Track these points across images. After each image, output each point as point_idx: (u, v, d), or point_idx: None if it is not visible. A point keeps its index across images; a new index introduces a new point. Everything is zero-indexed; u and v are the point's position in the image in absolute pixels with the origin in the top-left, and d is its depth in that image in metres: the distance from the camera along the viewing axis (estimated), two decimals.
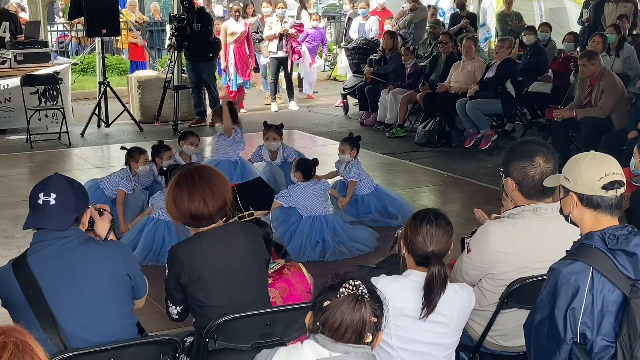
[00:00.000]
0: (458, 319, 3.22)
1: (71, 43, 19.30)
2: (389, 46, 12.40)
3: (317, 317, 2.44)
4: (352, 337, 2.40)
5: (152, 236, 6.37)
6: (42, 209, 3.12)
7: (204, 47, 11.93)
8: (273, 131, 7.71)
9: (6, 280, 3.10)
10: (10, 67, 11.42)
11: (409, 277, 3.21)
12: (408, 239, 3.20)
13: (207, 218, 3.41)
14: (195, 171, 3.47)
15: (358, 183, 7.23)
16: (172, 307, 3.47)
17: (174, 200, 3.41)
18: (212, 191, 3.39)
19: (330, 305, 2.41)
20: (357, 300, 2.40)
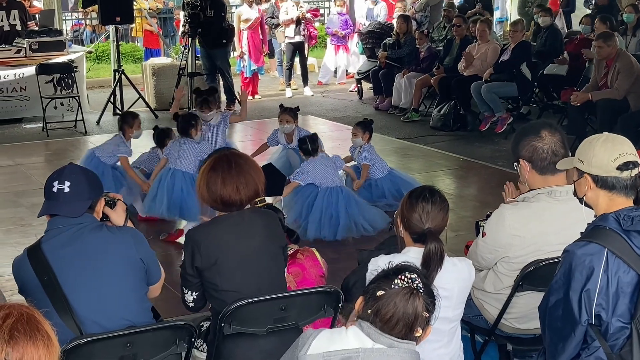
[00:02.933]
0: (459, 292, 3.24)
1: (86, 31, 19.35)
2: (403, 30, 12.35)
3: (369, 305, 2.41)
4: (403, 330, 2.39)
5: (171, 187, 6.48)
6: (56, 196, 3.15)
7: (217, 33, 11.92)
8: (286, 114, 7.66)
9: (22, 268, 3.13)
10: (26, 56, 11.46)
11: (407, 254, 3.23)
12: (405, 217, 3.22)
13: (237, 205, 3.43)
14: (232, 157, 3.49)
15: (371, 167, 7.20)
16: (187, 293, 3.48)
17: (207, 183, 3.42)
18: (245, 179, 3.41)
19: (384, 295, 2.38)
20: (412, 293, 2.38)
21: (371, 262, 3.26)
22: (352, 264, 5.85)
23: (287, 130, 7.66)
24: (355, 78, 13.74)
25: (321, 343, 2.44)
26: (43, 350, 1.84)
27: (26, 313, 1.88)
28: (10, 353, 1.80)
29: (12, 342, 1.81)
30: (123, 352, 3.01)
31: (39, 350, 1.83)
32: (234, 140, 9.39)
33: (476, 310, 3.76)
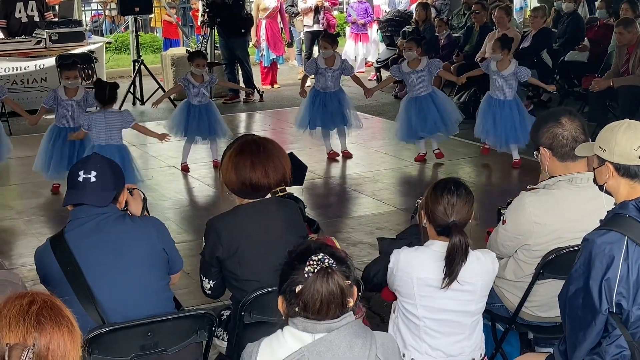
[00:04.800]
0: (482, 285, 3.23)
1: (105, 22, 19.43)
2: (422, 18, 12.29)
3: (293, 304, 2.34)
4: (337, 310, 2.33)
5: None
6: (82, 186, 3.16)
7: (236, 22, 11.93)
8: (325, 39, 8.71)
9: (45, 258, 3.16)
10: (46, 47, 11.53)
11: (430, 247, 3.22)
12: (429, 209, 3.20)
13: (266, 189, 3.43)
14: (260, 141, 3.48)
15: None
16: (205, 280, 3.50)
17: (235, 167, 3.40)
18: (274, 163, 3.41)
19: (304, 289, 2.31)
20: (327, 272, 2.31)
21: (393, 254, 3.25)
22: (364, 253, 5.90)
23: (327, 55, 8.61)
24: (374, 66, 13.70)
25: (265, 356, 2.38)
26: (68, 336, 1.86)
27: (49, 300, 1.90)
28: (37, 338, 1.81)
29: (39, 327, 1.82)
30: (144, 341, 3.04)
31: (64, 336, 1.85)
32: (253, 130, 9.44)
33: (497, 298, 3.75)
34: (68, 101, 7.46)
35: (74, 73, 7.58)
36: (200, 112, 8.29)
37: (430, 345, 3.24)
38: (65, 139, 7.44)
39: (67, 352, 1.85)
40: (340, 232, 6.32)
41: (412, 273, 3.19)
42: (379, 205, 7.30)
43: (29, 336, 1.81)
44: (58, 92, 7.51)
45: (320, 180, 8.00)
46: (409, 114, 8.46)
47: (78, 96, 7.49)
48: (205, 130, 8.33)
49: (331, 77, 8.67)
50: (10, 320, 1.82)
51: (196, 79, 8.30)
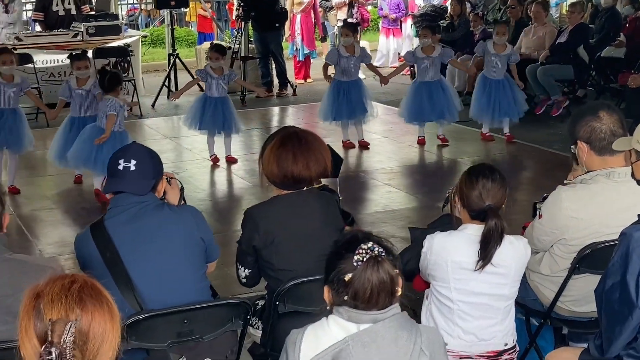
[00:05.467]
0: (516, 270, 3.24)
1: (141, 16, 19.59)
2: (457, 12, 12.23)
3: (342, 293, 2.32)
4: (386, 299, 2.31)
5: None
6: (122, 174, 3.20)
7: (270, 17, 11.96)
8: (346, 27, 9.11)
9: (85, 244, 3.20)
10: (83, 40, 11.63)
11: (464, 231, 3.24)
12: (464, 194, 3.21)
13: (307, 182, 3.45)
14: (302, 134, 3.51)
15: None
16: (241, 269, 3.53)
17: (276, 160, 3.42)
18: (316, 156, 3.44)
19: (353, 277, 2.29)
20: (377, 261, 2.29)
21: (427, 239, 3.27)
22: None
23: (347, 43, 8.84)
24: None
25: (309, 344, 2.36)
26: (108, 316, 1.88)
27: (90, 281, 1.93)
28: (79, 315, 1.84)
29: (81, 304, 1.84)
30: (181, 328, 3.07)
31: (104, 316, 1.87)
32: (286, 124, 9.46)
33: (532, 293, 3.73)
34: (78, 90, 7.58)
35: (84, 63, 7.70)
36: (216, 105, 8.33)
37: (463, 329, 3.25)
38: (80, 128, 7.53)
39: (107, 331, 1.87)
40: (372, 226, 6.32)
41: (446, 256, 3.21)
42: (412, 199, 7.30)
43: (71, 312, 1.83)
44: (70, 83, 7.65)
45: (352, 174, 8.00)
46: (419, 98, 8.84)
47: (87, 85, 7.59)
48: (219, 124, 8.35)
49: (353, 65, 8.88)
50: (53, 297, 1.84)
51: (215, 71, 8.34)
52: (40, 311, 1.83)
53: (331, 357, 2.29)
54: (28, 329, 1.84)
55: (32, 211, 7.09)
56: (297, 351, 2.36)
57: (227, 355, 3.24)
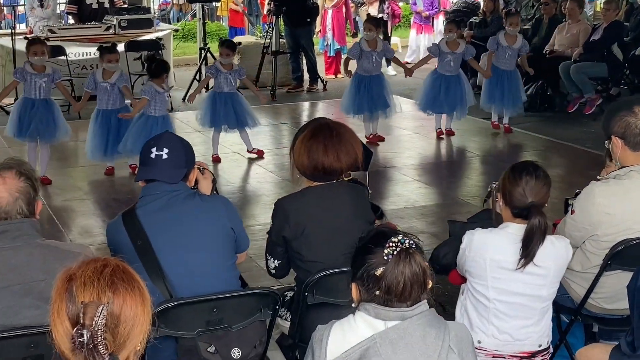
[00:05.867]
0: (555, 271, 3.20)
1: (172, 10, 19.69)
2: (489, 9, 12.15)
3: (374, 288, 2.28)
4: (418, 291, 2.28)
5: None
6: (154, 162, 3.21)
7: (302, 12, 11.96)
8: (369, 22, 9.10)
9: (116, 232, 3.22)
10: (115, 34, 11.72)
11: (505, 229, 3.20)
12: (507, 191, 3.18)
13: (338, 174, 3.44)
14: (333, 125, 3.50)
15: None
16: (270, 260, 3.54)
17: (307, 151, 3.42)
18: (347, 148, 3.42)
19: (386, 271, 2.26)
20: (409, 253, 2.26)
21: (466, 235, 3.24)
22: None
23: (370, 38, 8.86)
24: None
25: (336, 341, 2.33)
26: (139, 299, 1.89)
27: (122, 265, 1.94)
28: (111, 298, 1.85)
29: (113, 287, 1.85)
30: (209, 317, 3.07)
31: (136, 300, 1.88)
32: None
33: (562, 289, 3.69)
34: (103, 83, 7.64)
35: (115, 56, 7.80)
36: (226, 100, 8.32)
37: (498, 328, 3.22)
38: (107, 120, 7.64)
39: (138, 315, 1.88)
40: (401, 221, 6.30)
41: (485, 254, 3.17)
42: (442, 195, 7.26)
43: (103, 295, 1.84)
44: (96, 75, 7.69)
45: (382, 169, 7.98)
46: (437, 88, 8.99)
47: (113, 79, 7.65)
48: (232, 120, 8.33)
49: (375, 59, 8.92)
50: (85, 280, 1.85)
51: (225, 67, 8.33)
52: (73, 294, 1.85)
53: (359, 355, 2.27)
54: (60, 311, 1.85)
55: (64, 201, 7.16)
56: (324, 348, 2.34)
57: (256, 346, 3.24)
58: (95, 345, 1.80)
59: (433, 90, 9.05)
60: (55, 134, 7.69)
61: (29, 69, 7.55)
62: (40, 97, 7.58)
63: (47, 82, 7.59)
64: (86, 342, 1.79)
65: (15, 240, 2.78)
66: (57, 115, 7.71)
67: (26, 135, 7.59)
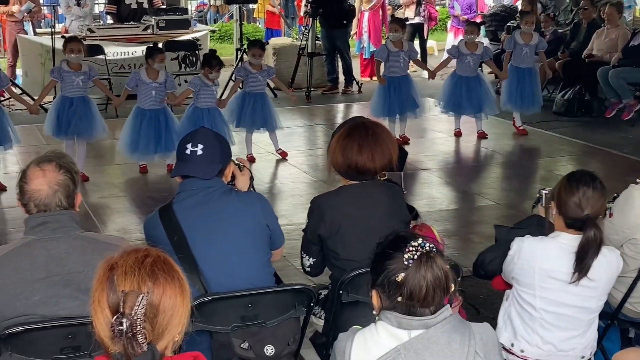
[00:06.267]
0: (605, 283, 3.14)
1: (210, 11, 19.80)
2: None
3: (395, 294, 2.23)
4: (441, 295, 2.23)
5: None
6: (189, 158, 3.23)
7: (338, 14, 11.97)
8: (395, 23, 9.23)
9: (153, 227, 3.24)
10: (153, 34, 11.83)
11: (557, 239, 3.13)
12: (562, 200, 3.10)
13: (371, 173, 3.45)
14: (369, 125, 3.51)
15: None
16: (305, 257, 3.55)
17: (342, 150, 3.44)
18: (381, 148, 3.43)
19: (407, 276, 2.20)
20: (430, 256, 2.21)
21: (515, 242, 3.18)
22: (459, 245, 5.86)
23: (396, 38, 8.91)
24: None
25: (359, 352, 2.28)
26: (179, 290, 1.91)
27: (162, 255, 1.96)
28: (151, 287, 1.87)
29: (153, 277, 1.88)
30: (245, 312, 3.09)
31: (175, 290, 1.90)
32: None
33: None
34: (152, 83, 7.70)
35: (162, 57, 7.89)
36: (255, 101, 8.36)
37: (542, 338, 3.17)
38: (149, 120, 7.71)
39: (177, 306, 1.90)
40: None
41: (534, 263, 3.11)
42: (477, 198, 7.22)
43: (143, 284, 1.86)
44: (141, 75, 7.73)
45: (416, 171, 7.96)
46: (458, 90, 9.07)
47: (160, 78, 7.73)
48: (259, 120, 8.38)
49: (402, 60, 8.97)
50: (126, 270, 1.87)
51: (254, 67, 8.36)
52: (114, 282, 1.87)
53: None
54: (101, 300, 1.87)
55: (100, 198, 7.23)
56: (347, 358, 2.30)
57: (289, 343, 3.25)
58: (134, 334, 1.82)
59: (453, 91, 9.15)
60: (93, 131, 7.79)
61: (66, 68, 7.65)
62: (78, 95, 7.68)
63: (83, 79, 7.69)
64: (125, 330, 1.81)
65: (55, 232, 2.82)
66: (94, 112, 7.81)
67: (64, 134, 7.69)
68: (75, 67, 7.67)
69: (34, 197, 2.81)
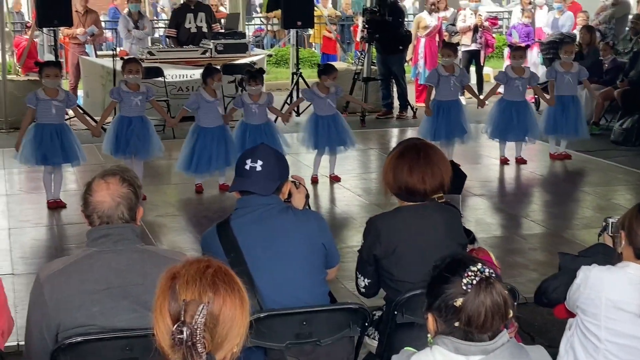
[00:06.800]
0: None
1: (267, 36, 20.03)
2: (586, 41, 11.96)
3: (452, 319, 2.19)
4: (500, 322, 2.19)
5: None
6: (248, 174, 3.27)
7: (394, 39, 12.01)
8: (447, 48, 9.28)
9: (211, 242, 3.29)
10: (211, 57, 11.99)
11: (625, 269, 3.06)
12: (632, 230, 3.03)
13: (421, 195, 3.44)
14: (422, 146, 3.52)
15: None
16: (360, 278, 3.54)
17: (393, 170, 3.45)
18: (432, 170, 3.42)
19: (466, 302, 2.16)
20: (489, 282, 2.16)
21: (582, 270, 3.12)
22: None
23: (447, 63, 9.01)
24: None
25: None
26: (239, 302, 1.93)
27: (224, 267, 1.98)
28: (212, 298, 1.89)
29: (214, 288, 1.90)
30: (299, 330, 3.10)
31: (235, 302, 1.92)
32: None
33: None
34: (215, 101, 7.96)
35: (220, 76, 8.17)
36: (328, 123, 8.43)
37: None
38: (210, 138, 7.85)
39: (237, 317, 1.92)
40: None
41: (601, 293, 3.05)
42: (531, 225, 7.14)
43: (204, 294, 1.89)
44: (202, 94, 7.88)
45: (471, 196, 7.90)
46: (506, 115, 9.05)
47: (218, 96, 8.06)
48: (334, 141, 8.45)
49: (453, 84, 8.98)
50: (188, 279, 1.90)
51: (322, 90, 8.43)
52: (176, 291, 1.90)
53: None
54: (162, 308, 1.90)
55: (157, 217, 7.33)
56: None
57: None
58: (194, 343, 1.84)
59: (502, 117, 9.13)
60: (149, 150, 7.94)
61: (125, 88, 7.83)
62: (136, 115, 7.84)
63: (141, 100, 7.85)
64: (185, 339, 1.83)
65: (116, 244, 2.87)
66: (151, 132, 7.96)
67: (122, 153, 7.84)
68: (134, 87, 7.83)
69: (97, 208, 2.88)
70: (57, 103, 7.42)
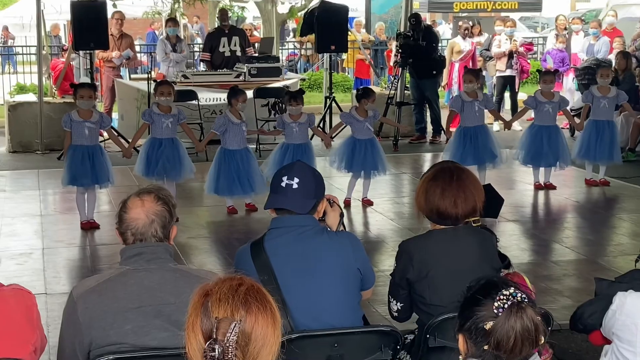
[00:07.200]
0: None
1: (300, 61, 20.16)
2: (622, 67, 11.84)
3: (482, 342, 2.18)
4: (530, 347, 2.17)
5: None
6: (284, 191, 3.24)
7: (428, 64, 12.02)
8: (470, 74, 9.24)
9: (244, 262, 3.25)
10: (245, 80, 12.08)
11: None
12: None
13: (453, 219, 3.41)
14: (455, 170, 3.49)
15: None
16: (392, 302, 3.51)
17: (425, 192, 3.43)
18: (465, 194, 3.39)
19: (496, 326, 2.15)
20: (520, 307, 2.15)
21: (618, 296, 3.09)
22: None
23: (470, 89, 8.99)
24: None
25: None
26: (270, 320, 1.92)
27: (256, 285, 1.97)
28: (244, 316, 1.88)
29: (246, 306, 1.89)
30: (330, 352, 3.07)
31: (267, 320, 1.91)
32: None
33: None
34: (241, 124, 7.97)
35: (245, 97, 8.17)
36: (365, 147, 8.44)
37: None
38: (236, 160, 7.89)
39: (268, 336, 1.91)
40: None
41: (637, 319, 3.02)
42: (566, 252, 7.05)
43: (236, 312, 1.88)
44: (229, 117, 7.91)
45: (505, 222, 7.82)
46: (538, 140, 9.00)
47: (243, 118, 8.06)
48: (369, 165, 8.45)
49: (478, 109, 8.95)
50: (220, 297, 1.90)
51: (361, 113, 8.45)
52: (208, 309, 1.89)
53: None
54: (195, 325, 1.90)
55: (188, 239, 7.34)
56: None
57: None
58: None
59: (533, 142, 9.07)
60: (180, 172, 7.99)
61: (156, 110, 7.90)
62: (167, 137, 7.90)
63: (173, 122, 7.92)
64: (217, 356, 1.83)
65: (149, 262, 2.88)
66: (182, 154, 8.02)
67: (153, 174, 7.89)
68: (165, 109, 7.90)
69: (132, 225, 2.89)
70: (90, 125, 7.50)
